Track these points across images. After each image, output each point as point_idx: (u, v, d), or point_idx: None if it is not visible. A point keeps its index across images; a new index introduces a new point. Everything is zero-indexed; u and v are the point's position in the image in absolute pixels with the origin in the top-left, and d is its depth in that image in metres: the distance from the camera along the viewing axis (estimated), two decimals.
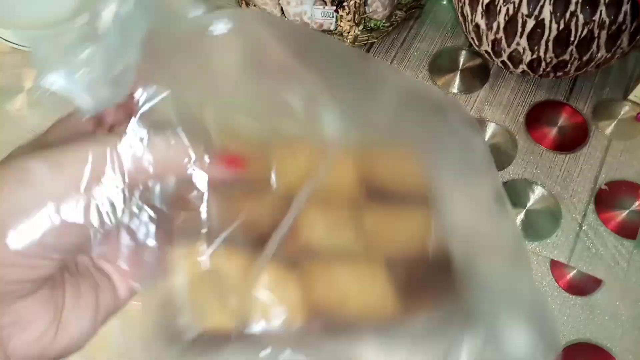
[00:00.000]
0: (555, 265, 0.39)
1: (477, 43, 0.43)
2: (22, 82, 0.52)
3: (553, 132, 0.44)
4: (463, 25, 0.43)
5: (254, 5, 0.48)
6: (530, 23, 0.37)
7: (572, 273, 0.39)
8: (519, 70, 0.42)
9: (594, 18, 0.35)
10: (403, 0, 0.48)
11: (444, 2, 0.51)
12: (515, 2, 0.36)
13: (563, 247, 0.40)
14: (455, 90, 0.47)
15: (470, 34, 0.43)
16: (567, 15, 0.35)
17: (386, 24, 0.47)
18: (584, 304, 0.38)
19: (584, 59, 0.39)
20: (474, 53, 0.48)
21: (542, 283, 0.38)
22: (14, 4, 0.45)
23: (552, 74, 0.42)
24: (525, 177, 0.42)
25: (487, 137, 0.44)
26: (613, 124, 0.44)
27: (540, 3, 0.35)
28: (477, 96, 0.46)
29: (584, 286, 0.38)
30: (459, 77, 0.47)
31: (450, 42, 0.49)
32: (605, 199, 0.41)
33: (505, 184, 0.42)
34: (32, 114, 0.50)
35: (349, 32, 0.45)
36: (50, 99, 0.21)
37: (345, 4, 0.44)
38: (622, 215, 0.40)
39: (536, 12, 0.36)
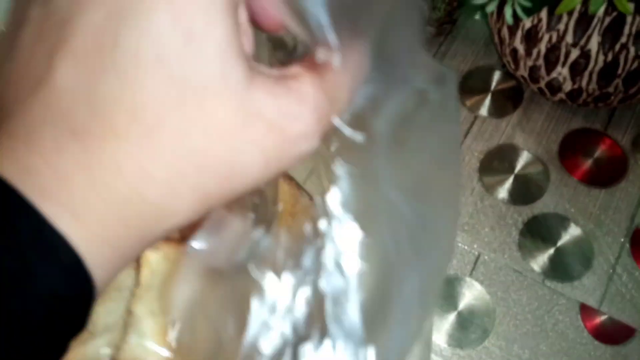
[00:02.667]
0: (584, 310, 0.37)
1: (512, 67, 0.41)
2: None
3: (588, 163, 0.42)
4: (499, 47, 0.41)
5: None
6: (575, 53, 0.34)
7: (603, 319, 0.37)
8: (557, 98, 0.40)
9: None
10: (434, 15, 0.46)
11: (476, 17, 0.49)
12: (560, 30, 0.34)
13: (594, 291, 0.37)
14: (485, 112, 0.44)
15: (506, 56, 0.40)
16: (617, 47, 0.33)
17: None
18: (615, 354, 0.35)
19: (630, 92, 0.36)
20: (507, 74, 0.45)
21: (570, 329, 0.36)
22: None
23: (592, 104, 0.39)
24: (557, 211, 0.40)
25: (518, 167, 0.42)
26: None
27: (588, 33, 0.33)
28: (509, 121, 0.44)
29: (615, 334, 0.36)
30: (489, 99, 0.45)
31: (482, 61, 0.47)
32: None
33: (535, 218, 0.40)
34: None
35: None
36: None
37: None
38: None
39: (582, 42, 0.34)
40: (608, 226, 0.39)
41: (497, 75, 0.46)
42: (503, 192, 0.41)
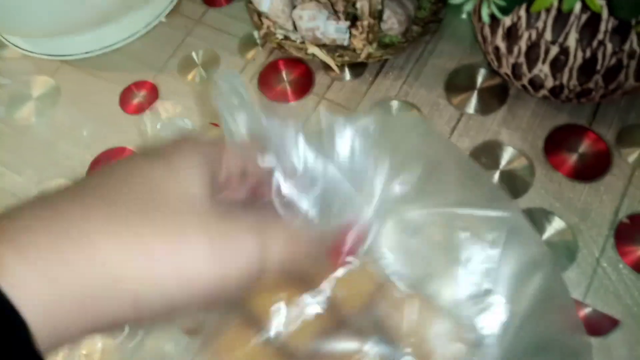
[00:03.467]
0: None
1: (496, 64, 0.41)
2: (31, 90, 0.51)
3: (573, 158, 0.42)
4: (482, 45, 0.42)
5: (267, 18, 0.47)
6: (554, 50, 0.35)
7: (588, 311, 0.37)
8: (540, 95, 0.40)
9: (623, 47, 0.33)
10: (420, 14, 0.46)
11: (463, 16, 0.49)
12: (538, 27, 0.34)
13: (579, 283, 0.38)
14: (471, 110, 0.45)
15: (489, 54, 0.41)
16: (595, 44, 0.33)
17: (402, 40, 0.46)
18: (599, 345, 0.36)
19: (610, 87, 0.37)
20: (493, 72, 0.46)
21: None
22: (24, 12, 0.44)
23: (575, 100, 0.40)
24: (542, 206, 0.41)
25: (503, 163, 0.42)
26: (638, 152, 0.42)
27: (566, 30, 0.33)
28: (495, 118, 0.44)
29: (599, 326, 0.37)
30: (476, 97, 0.46)
31: (468, 59, 0.47)
32: (626, 233, 0.39)
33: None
34: (38, 122, 0.49)
35: (362, 50, 0.44)
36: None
37: (358, 23, 0.42)
38: None
39: (560, 40, 0.34)
40: (593, 220, 0.40)
41: (482, 73, 0.46)
42: None
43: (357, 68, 0.48)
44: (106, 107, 0.49)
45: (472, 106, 0.45)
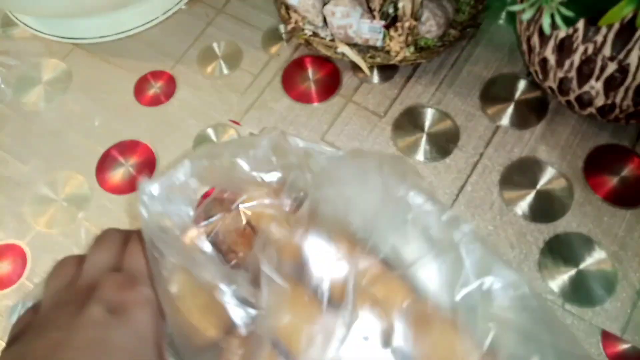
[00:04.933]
0: (606, 337, 0.35)
1: (540, 77, 0.38)
2: (41, 74, 0.48)
3: (614, 182, 0.40)
4: (527, 56, 0.39)
5: (295, 12, 0.44)
6: (612, 67, 0.32)
7: (626, 347, 0.35)
8: (586, 112, 0.38)
9: None
10: (458, 18, 0.44)
11: (501, 22, 0.46)
12: (597, 41, 0.32)
13: (617, 317, 0.35)
14: (506, 122, 0.42)
15: (534, 65, 0.38)
16: None
17: (438, 43, 0.43)
18: None
19: None
20: (532, 84, 0.43)
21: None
22: None
23: (623, 121, 0.37)
24: (580, 231, 0.38)
25: (541, 182, 0.40)
26: None
27: (629, 47, 0.31)
28: (532, 133, 0.42)
29: None
30: (512, 109, 0.43)
31: (506, 68, 0.44)
32: None
33: (557, 237, 0.38)
34: (47, 108, 0.47)
35: (398, 53, 0.41)
36: None
37: (398, 24, 0.39)
38: None
39: (621, 56, 0.31)
40: (634, 250, 0.37)
41: (521, 84, 0.44)
42: (524, 207, 0.39)
43: (388, 71, 0.45)
44: (120, 97, 0.46)
45: (507, 118, 0.43)
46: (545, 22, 0.28)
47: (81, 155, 0.44)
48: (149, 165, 0.43)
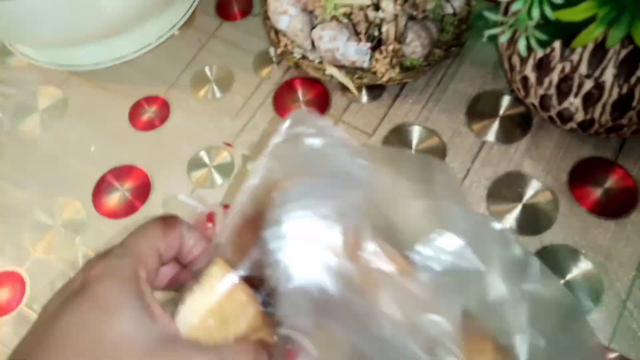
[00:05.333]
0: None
1: (522, 94, 0.40)
2: (37, 102, 0.49)
3: (598, 193, 0.41)
4: (509, 73, 0.40)
5: (284, 36, 0.45)
6: (589, 84, 0.33)
7: (613, 357, 0.35)
8: (567, 127, 0.39)
9: None
10: (443, 37, 0.45)
11: (484, 40, 0.48)
12: (573, 60, 0.33)
13: (604, 327, 0.36)
14: (492, 138, 0.43)
15: (516, 83, 0.40)
16: (633, 80, 0.32)
17: (423, 63, 0.44)
18: None
19: None
20: (516, 99, 0.44)
21: None
22: (33, 20, 0.43)
23: (603, 135, 0.38)
24: (567, 243, 0.39)
25: (527, 196, 0.41)
26: None
27: (603, 65, 0.32)
28: (517, 147, 0.43)
29: None
30: (498, 124, 0.44)
31: (491, 85, 0.46)
32: None
33: (544, 249, 0.39)
34: (44, 136, 0.48)
35: (383, 74, 0.42)
36: None
37: (382, 47, 0.40)
38: None
39: (596, 74, 0.33)
40: (619, 259, 0.38)
41: (505, 101, 0.45)
42: (511, 221, 0.40)
43: (375, 90, 0.46)
44: (115, 122, 0.47)
45: (493, 134, 0.44)
46: (521, 44, 0.29)
47: (78, 181, 0.45)
48: (144, 189, 0.44)
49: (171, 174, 0.44)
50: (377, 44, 0.41)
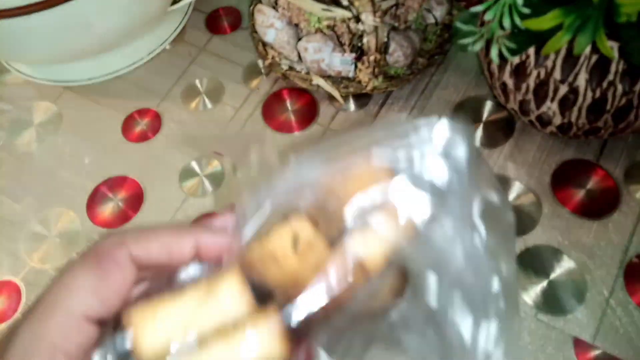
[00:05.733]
0: (578, 344, 0.36)
1: (503, 99, 0.41)
2: (32, 117, 0.51)
3: (581, 194, 0.42)
4: (489, 80, 0.41)
5: (271, 48, 0.47)
6: (563, 89, 0.35)
7: (597, 353, 0.36)
8: (547, 131, 0.40)
9: (634, 89, 0.33)
10: (426, 46, 0.46)
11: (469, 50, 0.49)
12: (547, 66, 0.34)
13: (588, 325, 0.37)
14: (477, 144, 0.44)
15: (496, 89, 0.41)
16: (605, 84, 0.33)
17: (407, 72, 0.45)
18: None
19: (620, 126, 0.36)
20: (499, 105, 0.46)
21: None
22: (28, 40, 0.44)
23: (582, 137, 0.39)
24: (550, 243, 0.40)
25: (511, 199, 0.42)
26: None
27: (575, 70, 0.33)
28: (501, 152, 0.44)
29: None
30: (481, 130, 0.45)
31: (474, 91, 0.47)
32: (636, 272, 0.38)
33: (528, 250, 0.40)
34: (40, 150, 0.49)
35: (367, 83, 0.43)
36: None
37: (364, 57, 0.42)
38: None
39: (570, 79, 0.34)
40: (601, 259, 0.39)
41: (488, 106, 0.46)
42: None
43: (362, 99, 0.47)
44: (108, 135, 0.48)
45: (478, 139, 0.45)
46: (493, 53, 0.30)
47: (72, 192, 0.46)
48: (137, 199, 0.45)
49: (163, 184, 0.45)
50: (359, 54, 0.42)
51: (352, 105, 0.47)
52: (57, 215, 0.45)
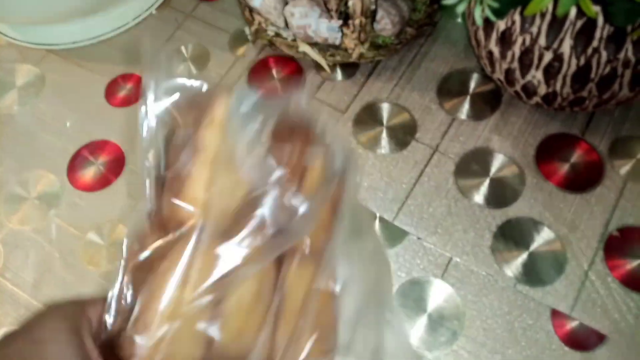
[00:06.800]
0: (556, 316, 0.36)
1: (489, 69, 0.40)
2: (15, 79, 0.50)
3: (565, 168, 0.41)
4: (476, 49, 0.41)
5: (258, 14, 0.46)
6: (548, 56, 0.34)
7: (574, 325, 0.36)
8: (533, 102, 0.40)
9: (618, 56, 0.32)
10: (415, 16, 0.46)
11: (459, 20, 0.48)
12: (532, 32, 0.34)
13: (566, 296, 0.37)
14: (463, 116, 0.44)
15: (482, 59, 0.40)
16: (589, 51, 0.32)
17: (395, 41, 0.45)
18: None
19: (604, 97, 0.36)
20: (486, 77, 0.45)
21: (540, 334, 0.36)
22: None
23: (568, 109, 0.39)
24: (532, 216, 0.40)
25: (493, 170, 0.41)
26: (630, 164, 0.41)
27: (560, 36, 0.33)
28: (487, 124, 0.44)
29: (585, 340, 0.36)
30: (468, 102, 0.45)
31: (462, 63, 0.46)
32: (616, 246, 0.38)
33: (509, 222, 0.40)
34: (21, 112, 0.48)
35: (353, 50, 0.43)
36: None
37: (350, 21, 0.41)
38: (632, 265, 0.37)
39: (555, 45, 0.33)
40: (582, 232, 0.39)
41: (475, 78, 0.45)
42: (478, 195, 0.41)
43: (349, 68, 0.47)
44: (91, 99, 0.48)
45: (464, 111, 0.44)
46: (476, 13, 0.30)
47: (53, 155, 0.45)
48: (118, 163, 0.44)
49: None
50: (345, 18, 0.42)
51: (339, 75, 0.47)
52: (37, 178, 0.44)
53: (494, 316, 0.37)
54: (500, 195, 0.41)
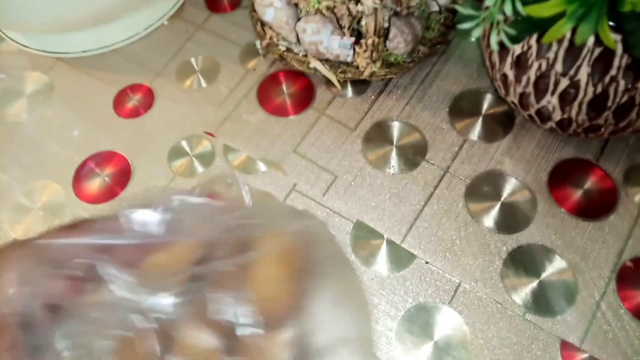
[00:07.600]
0: (565, 347, 0.36)
1: (503, 92, 0.40)
2: (24, 86, 0.50)
3: (578, 195, 0.40)
4: (490, 71, 0.40)
5: (270, 28, 0.45)
6: (564, 83, 0.33)
7: (584, 357, 0.35)
8: (547, 126, 0.39)
9: (637, 85, 0.32)
10: (428, 35, 0.45)
11: (472, 40, 0.48)
12: (549, 58, 0.33)
13: (576, 327, 0.36)
14: (474, 137, 0.43)
15: (497, 81, 0.40)
16: (607, 79, 0.32)
17: (407, 60, 0.44)
18: None
19: (621, 125, 0.35)
20: (499, 98, 0.44)
21: None
22: (23, 7, 0.43)
23: (582, 135, 0.38)
24: (543, 242, 0.39)
25: (505, 195, 0.41)
26: None
27: (578, 63, 0.32)
28: (499, 146, 0.43)
29: None
30: (480, 123, 0.44)
31: (475, 83, 0.46)
32: (629, 277, 0.37)
33: (520, 248, 0.39)
34: (29, 120, 0.48)
35: (365, 68, 0.42)
36: None
37: (362, 40, 0.41)
38: None
39: (571, 72, 0.33)
40: (594, 261, 0.38)
41: (488, 99, 0.45)
42: (489, 219, 0.40)
43: (360, 85, 0.46)
44: (99, 109, 0.47)
45: (476, 132, 0.44)
46: (493, 39, 0.29)
47: (59, 165, 0.45)
48: (124, 176, 0.44)
49: (152, 162, 0.44)
50: (358, 37, 0.41)
51: (349, 92, 0.46)
52: (42, 188, 0.44)
53: (502, 346, 0.36)
54: (512, 220, 0.40)
